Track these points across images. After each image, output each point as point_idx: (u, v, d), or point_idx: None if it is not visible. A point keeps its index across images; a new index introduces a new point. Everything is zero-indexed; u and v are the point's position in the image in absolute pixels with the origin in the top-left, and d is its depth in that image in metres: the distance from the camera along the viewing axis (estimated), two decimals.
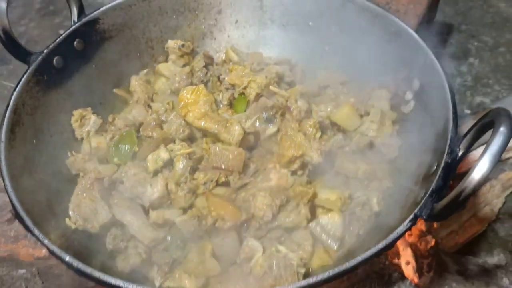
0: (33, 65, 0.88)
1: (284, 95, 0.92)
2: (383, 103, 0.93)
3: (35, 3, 1.52)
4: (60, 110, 0.92)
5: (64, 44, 0.92)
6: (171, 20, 1.03)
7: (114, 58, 1.00)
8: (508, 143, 0.67)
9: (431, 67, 0.85)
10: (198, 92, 0.91)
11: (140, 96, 0.98)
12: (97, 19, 0.96)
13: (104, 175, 0.85)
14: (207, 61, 1.02)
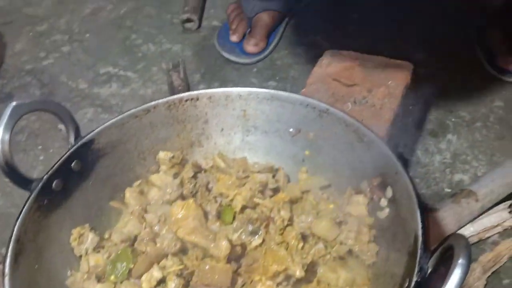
0: (34, 193, 0.95)
1: (267, 206, 0.99)
2: (361, 208, 0.99)
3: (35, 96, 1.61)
4: (60, 230, 0.98)
5: (63, 167, 1.00)
6: (161, 132, 1.10)
7: (109, 173, 1.07)
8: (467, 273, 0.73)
9: (402, 179, 0.92)
10: (188, 207, 0.99)
11: (135, 208, 1.05)
12: (93, 140, 1.04)
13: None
14: (195, 170, 1.09)
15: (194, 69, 1.67)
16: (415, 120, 1.48)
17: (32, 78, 1.72)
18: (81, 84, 1.68)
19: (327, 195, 1.04)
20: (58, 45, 1.84)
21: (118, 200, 1.08)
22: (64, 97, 1.63)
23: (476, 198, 1.22)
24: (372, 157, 0.98)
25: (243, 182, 1.05)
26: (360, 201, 1.00)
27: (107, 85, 1.67)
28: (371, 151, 0.98)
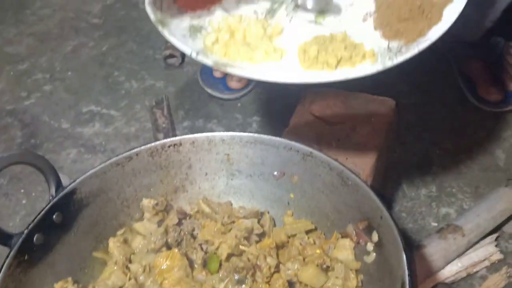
0: (14, 249, 0.93)
1: (253, 253, 0.98)
2: (347, 253, 0.99)
3: (17, 138, 1.59)
4: (42, 285, 0.96)
5: (44, 220, 0.98)
6: (144, 179, 1.09)
7: (92, 223, 1.05)
8: None
9: (387, 224, 0.92)
10: (172, 257, 0.97)
11: (118, 258, 1.03)
12: (74, 190, 1.02)
13: None
14: (180, 216, 1.08)
15: (178, 105, 1.67)
16: (399, 153, 1.48)
17: (13, 119, 1.71)
18: (63, 124, 1.67)
19: (313, 239, 1.03)
20: (39, 84, 1.83)
21: (101, 250, 1.06)
22: (47, 137, 1.62)
23: (462, 233, 1.22)
24: (357, 201, 0.98)
25: (228, 228, 1.04)
26: (347, 245, 0.99)
27: (90, 124, 1.66)
28: (356, 194, 0.98)
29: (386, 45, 0.84)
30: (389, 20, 0.87)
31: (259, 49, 0.88)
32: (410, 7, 0.84)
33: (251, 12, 0.95)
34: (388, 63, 0.79)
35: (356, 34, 0.88)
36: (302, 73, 0.85)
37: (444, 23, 0.80)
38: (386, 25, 0.87)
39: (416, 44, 0.80)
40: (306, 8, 0.93)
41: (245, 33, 0.91)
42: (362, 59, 0.83)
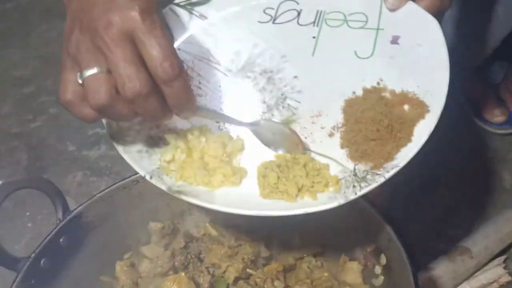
0: (21, 273, 0.93)
1: (260, 276, 0.98)
2: (355, 276, 0.98)
3: (22, 161, 1.59)
4: None
5: (50, 244, 0.98)
6: (151, 202, 1.09)
7: (98, 246, 1.05)
8: None
9: (395, 247, 0.91)
10: (180, 281, 0.97)
11: (125, 283, 1.02)
12: (81, 214, 1.02)
13: None
14: (187, 239, 1.08)
15: None
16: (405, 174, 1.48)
17: (19, 142, 1.71)
18: (69, 147, 1.68)
19: (321, 262, 1.02)
20: (45, 107, 1.84)
21: (108, 274, 1.06)
22: (53, 161, 1.62)
23: (471, 255, 1.22)
24: (364, 224, 0.97)
25: (235, 251, 1.04)
26: (355, 268, 0.99)
27: (96, 147, 1.67)
28: (362, 217, 0.97)
29: (352, 168, 0.76)
30: (356, 139, 0.77)
31: (217, 173, 0.79)
32: (378, 127, 0.75)
33: (212, 122, 0.85)
34: (351, 196, 0.73)
35: (321, 151, 0.80)
36: (261, 203, 0.77)
37: (415, 144, 0.72)
38: (352, 144, 0.77)
39: (383, 170, 0.72)
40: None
41: (203, 152, 0.82)
42: (325, 187, 0.76)
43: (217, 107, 0.88)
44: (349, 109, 0.81)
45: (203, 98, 0.88)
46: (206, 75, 0.91)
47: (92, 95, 0.64)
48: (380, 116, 0.76)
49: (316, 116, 0.83)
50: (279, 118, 0.84)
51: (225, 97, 0.89)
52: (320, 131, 0.81)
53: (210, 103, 0.88)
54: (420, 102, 0.76)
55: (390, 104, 0.78)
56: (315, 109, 0.83)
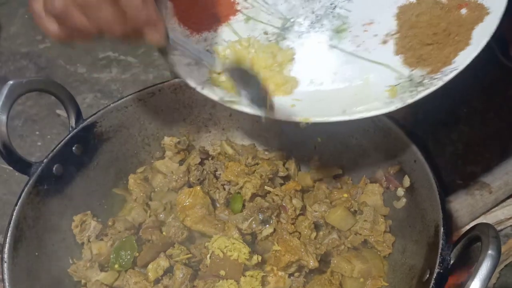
0: (33, 177, 0.90)
1: (279, 194, 0.95)
2: (376, 198, 0.96)
3: None
4: (61, 217, 0.94)
5: (63, 151, 0.95)
6: (167, 117, 1.05)
7: (112, 158, 1.02)
8: (497, 265, 0.70)
9: (421, 168, 0.88)
10: (195, 195, 0.94)
11: (139, 196, 1.00)
12: (94, 123, 0.99)
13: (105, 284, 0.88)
14: (202, 156, 1.04)
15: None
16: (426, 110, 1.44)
17: (28, 62, 1.66)
18: (79, 69, 1.63)
19: (340, 184, 1.00)
20: None
21: (121, 186, 1.03)
22: (62, 81, 1.55)
23: (490, 190, 1.19)
24: (389, 145, 0.94)
25: (252, 170, 1.01)
26: (375, 191, 0.96)
27: (107, 70, 1.62)
28: (388, 138, 0.94)
29: (408, 74, 0.75)
30: (412, 44, 0.76)
31: (269, 82, 0.79)
32: (435, 30, 0.73)
33: (261, 32, 0.85)
34: (408, 99, 0.71)
35: (375, 58, 0.79)
36: (311, 110, 0.77)
37: (474, 48, 0.71)
38: (408, 50, 0.76)
39: (441, 75, 0.71)
40: None
41: (252, 62, 0.82)
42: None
43: (264, 19, 0.86)
44: (402, 15, 0.78)
45: (249, 10, 0.87)
46: None
47: (50, 1, 0.64)
48: (436, 20, 0.73)
49: (368, 24, 0.81)
50: (329, 28, 0.82)
51: (272, 9, 0.86)
52: (373, 39, 0.79)
53: (257, 15, 0.86)
54: (479, 5, 0.72)
55: (447, 8, 0.75)
56: (366, 17, 0.81)
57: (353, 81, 0.78)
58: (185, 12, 0.85)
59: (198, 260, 0.90)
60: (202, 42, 0.85)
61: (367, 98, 0.75)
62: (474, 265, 0.69)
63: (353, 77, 0.78)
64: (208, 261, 0.86)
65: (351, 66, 0.79)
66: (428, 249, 0.82)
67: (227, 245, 0.85)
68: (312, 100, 0.78)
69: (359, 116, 0.73)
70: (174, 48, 0.80)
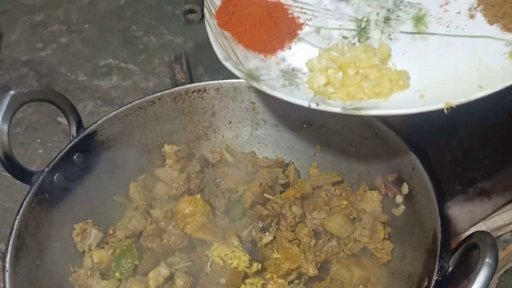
0: (35, 186, 0.91)
1: (278, 201, 0.96)
2: (375, 205, 0.96)
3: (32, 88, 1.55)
4: (62, 225, 0.95)
5: (64, 160, 0.96)
6: (167, 125, 1.06)
7: (112, 166, 1.03)
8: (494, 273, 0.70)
9: (419, 175, 0.89)
10: (195, 203, 0.95)
11: (139, 204, 1.01)
12: (95, 132, 1.00)
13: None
14: (202, 164, 1.05)
15: (197, 61, 1.63)
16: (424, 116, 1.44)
17: (29, 70, 1.67)
18: (80, 76, 1.64)
19: (339, 191, 1.00)
20: (56, 35, 1.79)
21: (121, 195, 1.04)
22: (63, 89, 1.58)
23: (489, 196, 1.19)
24: (387, 152, 0.95)
25: (252, 178, 1.01)
26: (375, 198, 0.97)
27: (108, 78, 1.63)
28: (386, 146, 0.95)
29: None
30: (505, 10, 0.74)
31: (383, 81, 0.76)
32: None
33: (340, 38, 0.83)
34: None
35: (472, 33, 0.77)
36: (427, 101, 0.73)
37: None
38: (502, 17, 0.74)
39: None
40: None
41: (356, 65, 0.79)
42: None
43: (335, 24, 0.85)
44: None
45: (314, 21, 0.86)
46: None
47: None
48: None
49: (445, 4, 0.80)
50: (407, 17, 0.82)
51: (337, 13, 0.86)
52: (459, 17, 0.79)
53: (326, 23, 0.86)
54: None
55: None
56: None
57: (463, 60, 0.75)
58: (248, 38, 0.84)
59: (198, 268, 0.90)
60: (282, 62, 0.84)
61: (493, 71, 0.72)
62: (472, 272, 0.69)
63: (462, 56, 0.75)
64: (209, 269, 0.87)
65: (452, 47, 0.78)
66: (426, 256, 0.82)
67: (227, 253, 0.86)
68: (436, 86, 0.75)
69: (502, 86, 0.69)
70: (258, 75, 0.80)
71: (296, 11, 0.87)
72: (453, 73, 0.75)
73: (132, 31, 1.78)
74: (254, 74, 0.80)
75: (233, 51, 0.83)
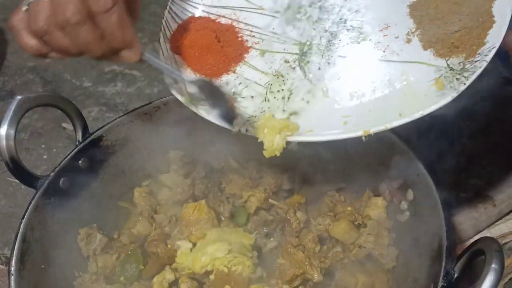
0: (40, 190, 0.91)
1: (283, 207, 0.96)
2: (379, 211, 0.96)
3: None
4: (67, 230, 0.95)
5: (70, 165, 0.96)
6: (172, 131, 1.06)
7: (117, 172, 1.03)
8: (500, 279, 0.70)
9: (424, 181, 0.89)
10: (200, 209, 0.95)
11: (144, 209, 1.01)
12: (101, 137, 1.00)
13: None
14: (207, 170, 1.06)
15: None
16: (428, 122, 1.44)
17: (34, 76, 1.68)
18: (85, 82, 1.65)
19: (344, 197, 1.00)
20: None
21: (126, 200, 1.04)
22: (68, 95, 1.58)
23: (493, 203, 1.19)
24: (392, 159, 0.95)
25: (256, 183, 1.02)
26: (379, 204, 0.97)
27: (112, 84, 1.64)
28: (391, 152, 0.95)
29: (445, 64, 0.75)
30: (438, 36, 0.76)
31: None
32: (459, 17, 0.74)
33: (282, 62, 0.85)
34: (460, 87, 0.71)
35: (406, 58, 0.78)
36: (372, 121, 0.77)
37: (501, 23, 0.71)
38: (435, 42, 0.76)
39: (480, 56, 0.71)
40: None
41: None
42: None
43: (279, 48, 0.86)
44: (415, 12, 0.79)
45: (261, 44, 0.87)
46: (254, 22, 0.89)
47: (32, 19, 0.67)
48: (457, 7, 0.74)
49: (385, 29, 0.81)
50: (348, 41, 0.82)
51: (283, 37, 0.87)
52: (396, 41, 0.80)
53: (271, 47, 0.87)
54: None
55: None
56: (380, 23, 0.82)
57: (393, 85, 0.77)
58: (197, 62, 0.86)
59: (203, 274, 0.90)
60: (225, 86, 0.86)
61: (417, 97, 0.74)
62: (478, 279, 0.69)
63: (392, 82, 0.77)
64: (213, 277, 0.87)
65: (385, 71, 0.79)
66: (431, 263, 0.82)
67: (231, 260, 0.86)
68: (361, 113, 0.77)
69: (419, 115, 0.72)
70: (199, 103, 0.84)
71: (246, 34, 0.88)
72: (381, 100, 0.77)
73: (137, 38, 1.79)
74: (195, 98, 0.84)
75: (182, 74, 0.86)
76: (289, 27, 0.87)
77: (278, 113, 0.80)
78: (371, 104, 0.78)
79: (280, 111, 0.80)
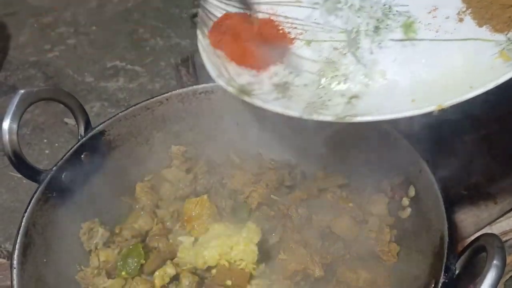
0: (43, 184, 0.91)
1: (284, 203, 0.96)
2: (381, 207, 0.96)
3: None
4: (69, 224, 0.95)
5: (72, 159, 0.96)
6: (174, 126, 1.07)
7: (119, 166, 1.03)
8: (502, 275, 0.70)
9: (426, 178, 0.89)
10: (202, 204, 0.95)
11: (146, 204, 1.01)
12: (103, 132, 1.00)
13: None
14: (209, 165, 1.06)
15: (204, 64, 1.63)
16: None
17: (36, 71, 1.69)
18: (87, 78, 1.65)
19: (346, 194, 1.00)
20: (63, 37, 1.80)
21: (128, 194, 1.05)
22: (70, 90, 1.57)
23: (495, 200, 1.19)
24: (394, 156, 0.95)
25: (258, 179, 1.02)
26: (381, 200, 0.97)
27: (114, 79, 1.64)
28: (393, 148, 0.95)
29: (505, 38, 0.75)
30: (493, 12, 0.76)
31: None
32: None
33: (331, 50, 0.86)
34: None
35: (462, 36, 0.79)
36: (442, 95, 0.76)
37: None
38: (490, 19, 0.77)
39: None
40: None
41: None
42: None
43: (325, 37, 0.87)
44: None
45: (305, 35, 0.88)
46: (293, 15, 0.90)
47: None
48: None
49: (433, 11, 0.82)
50: (396, 25, 0.83)
51: (327, 26, 0.88)
52: (447, 21, 0.80)
53: (316, 36, 0.88)
54: None
55: None
56: (427, 5, 0.82)
57: (453, 63, 0.77)
58: (239, 55, 0.87)
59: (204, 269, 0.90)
60: (274, 76, 0.87)
61: (484, 71, 0.74)
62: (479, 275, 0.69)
63: (452, 60, 0.77)
64: (214, 271, 0.87)
65: (442, 51, 0.79)
66: (433, 259, 0.82)
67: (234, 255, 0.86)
68: (427, 90, 0.77)
69: (493, 84, 0.71)
70: (250, 89, 0.84)
71: (287, 27, 0.89)
72: (444, 77, 0.77)
73: (139, 34, 1.79)
74: (246, 89, 0.84)
75: (226, 68, 0.87)
76: (332, 17, 0.88)
77: (336, 98, 0.81)
78: (434, 82, 0.77)
79: (338, 95, 0.81)
